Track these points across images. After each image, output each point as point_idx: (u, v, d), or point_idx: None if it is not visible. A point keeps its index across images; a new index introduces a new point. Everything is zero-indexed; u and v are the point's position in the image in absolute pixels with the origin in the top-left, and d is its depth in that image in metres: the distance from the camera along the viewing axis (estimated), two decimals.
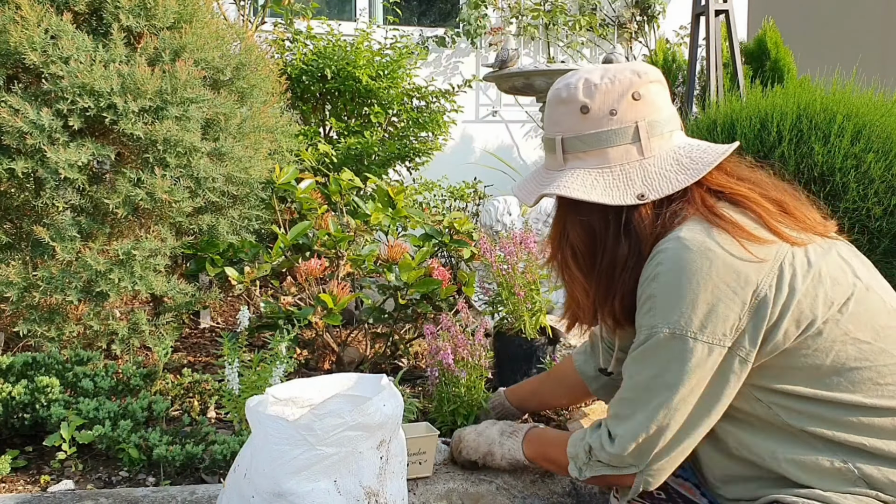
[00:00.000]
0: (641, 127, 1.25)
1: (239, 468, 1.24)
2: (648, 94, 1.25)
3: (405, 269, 2.33)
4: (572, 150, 1.28)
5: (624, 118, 1.24)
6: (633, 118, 1.24)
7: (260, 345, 2.63)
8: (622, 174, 1.24)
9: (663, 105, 1.28)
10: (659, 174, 1.23)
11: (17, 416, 1.79)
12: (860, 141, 2.56)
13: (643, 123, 1.25)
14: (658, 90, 1.27)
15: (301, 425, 1.15)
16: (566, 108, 1.28)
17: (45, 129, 2.02)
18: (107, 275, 2.12)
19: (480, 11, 5.42)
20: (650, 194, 1.22)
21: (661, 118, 1.26)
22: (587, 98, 1.25)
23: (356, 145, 3.73)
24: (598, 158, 1.26)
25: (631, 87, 1.25)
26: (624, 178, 1.24)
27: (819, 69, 3.28)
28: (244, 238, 2.53)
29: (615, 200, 1.22)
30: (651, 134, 1.25)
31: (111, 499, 1.47)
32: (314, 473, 1.16)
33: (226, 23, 2.89)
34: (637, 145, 1.25)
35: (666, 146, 1.26)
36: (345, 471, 1.18)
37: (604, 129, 1.25)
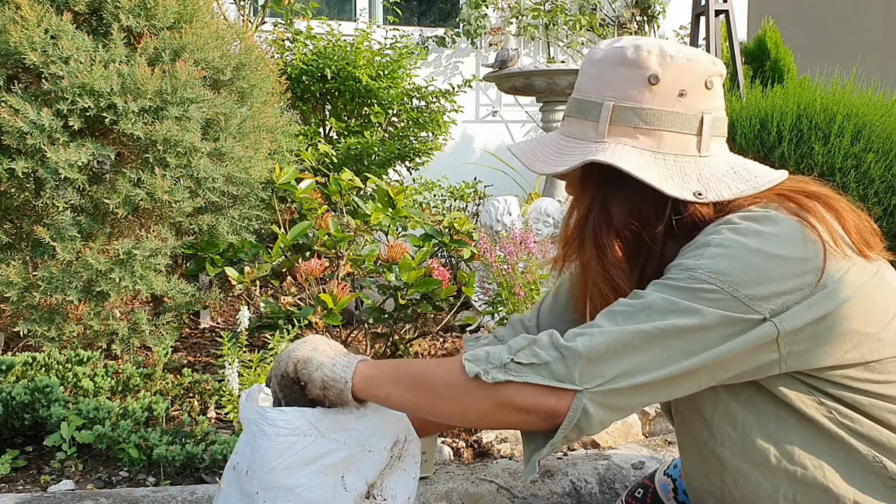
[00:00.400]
0: (706, 121, 1.09)
1: (239, 466, 1.23)
2: (718, 86, 1.11)
3: (405, 269, 2.33)
4: (623, 123, 1.08)
5: (691, 105, 1.08)
6: (701, 108, 1.09)
7: (260, 345, 2.63)
8: (676, 165, 1.07)
9: (723, 105, 1.15)
10: (716, 177, 1.08)
11: (17, 416, 1.79)
12: (860, 141, 2.56)
13: (709, 117, 1.09)
14: (721, 88, 1.13)
15: (312, 412, 1.14)
16: (629, 72, 1.08)
17: (46, 129, 2.02)
18: (107, 274, 2.12)
19: (480, 11, 5.42)
20: (708, 194, 1.05)
21: (722, 117, 1.12)
22: (660, 68, 1.07)
23: (356, 145, 3.74)
24: (653, 140, 1.08)
25: (706, 72, 1.09)
26: (678, 169, 1.07)
27: (819, 69, 3.28)
28: (244, 238, 2.53)
29: (674, 191, 1.04)
30: (713, 132, 1.10)
31: (111, 499, 1.47)
32: (323, 467, 1.15)
33: (226, 23, 2.89)
34: (697, 139, 1.09)
35: (721, 150, 1.12)
36: (353, 468, 1.17)
37: (669, 109, 1.07)
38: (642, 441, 1.90)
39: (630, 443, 1.87)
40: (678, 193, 1.04)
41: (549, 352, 0.97)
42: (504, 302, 2.21)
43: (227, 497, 1.24)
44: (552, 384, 0.96)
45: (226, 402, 1.85)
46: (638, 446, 1.84)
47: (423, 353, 2.57)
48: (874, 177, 2.49)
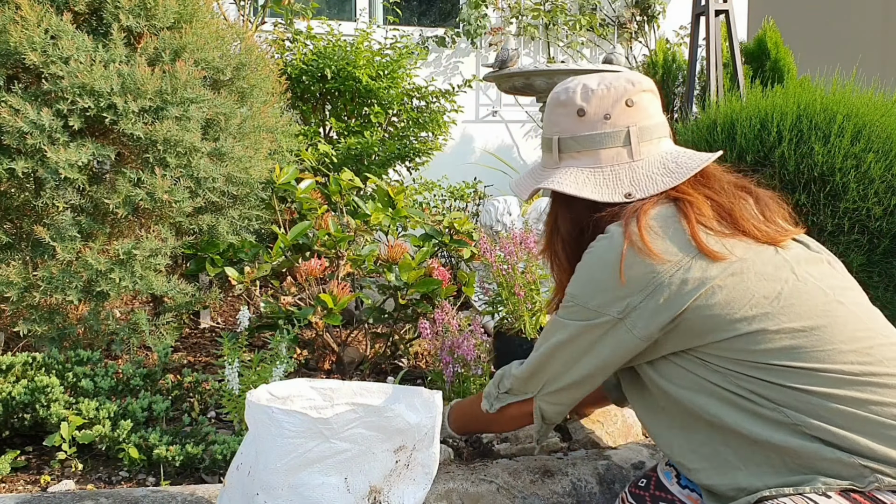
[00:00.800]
0: (633, 132, 1.35)
1: (242, 466, 1.23)
2: (641, 101, 1.36)
3: (405, 269, 2.33)
4: (567, 150, 1.38)
5: (617, 123, 1.34)
6: (626, 123, 1.34)
7: (260, 345, 2.63)
8: (612, 174, 1.34)
9: (654, 113, 1.38)
10: (646, 176, 1.33)
11: (17, 416, 1.79)
12: (860, 141, 2.56)
13: (634, 128, 1.35)
14: (650, 99, 1.37)
15: (317, 419, 1.15)
16: (564, 111, 1.38)
17: (46, 129, 2.02)
18: (107, 274, 2.12)
19: (480, 11, 5.42)
20: (637, 193, 1.31)
21: (651, 124, 1.36)
22: (584, 102, 1.35)
23: (356, 145, 3.73)
24: (591, 158, 1.36)
25: (625, 94, 1.35)
26: (613, 177, 1.34)
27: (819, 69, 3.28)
28: (244, 238, 2.53)
29: (604, 197, 1.32)
30: (641, 139, 1.35)
31: (111, 499, 1.47)
32: (326, 468, 1.15)
33: (226, 23, 2.89)
34: (627, 148, 1.35)
35: (654, 151, 1.36)
36: (356, 469, 1.17)
37: (597, 131, 1.35)
38: (642, 441, 1.90)
39: (630, 443, 1.87)
40: (609, 198, 1.32)
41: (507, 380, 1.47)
42: (504, 302, 2.21)
43: (230, 498, 1.24)
44: (519, 399, 1.46)
45: (226, 402, 1.85)
46: (638, 446, 1.84)
47: (423, 352, 2.57)
48: (874, 177, 2.49)
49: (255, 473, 1.18)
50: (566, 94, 1.38)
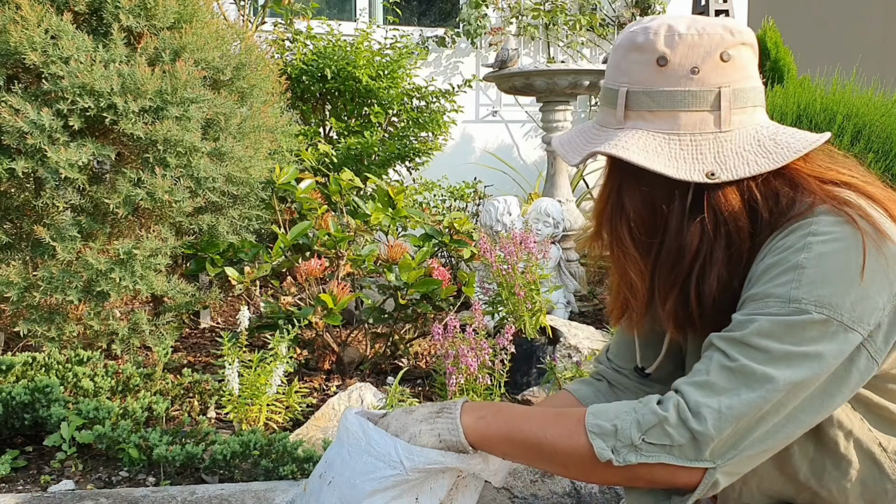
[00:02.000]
0: (725, 94, 1.05)
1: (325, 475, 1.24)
2: (739, 57, 1.06)
3: (405, 269, 2.33)
4: (637, 107, 1.08)
5: (706, 80, 1.05)
6: (717, 82, 1.05)
7: (260, 345, 2.63)
8: (692, 145, 1.05)
9: (752, 74, 1.09)
10: (735, 153, 1.05)
11: (17, 416, 1.79)
12: (860, 141, 2.56)
13: (727, 90, 1.05)
14: (749, 56, 1.09)
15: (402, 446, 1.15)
16: (640, 57, 1.08)
17: (46, 129, 2.02)
18: (107, 274, 2.12)
19: (480, 11, 5.42)
20: (721, 174, 1.03)
21: (747, 87, 1.07)
22: (668, 48, 1.06)
23: (356, 145, 3.73)
24: (667, 122, 1.06)
25: (721, 45, 1.05)
26: (694, 149, 1.05)
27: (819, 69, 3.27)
28: (244, 238, 2.53)
29: (680, 174, 1.02)
30: (734, 105, 1.06)
31: (111, 499, 1.47)
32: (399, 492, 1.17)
33: (226, 23, 2.89)
34: (716, 115, 1.06)
35: (748, 122, 1.07)
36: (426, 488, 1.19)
37: (680, 88, 1.05)
38: None
39: None
40: (686, 176, 1.02)
41: (681, 432, 0.97)
42: (504, 302, 2.21)
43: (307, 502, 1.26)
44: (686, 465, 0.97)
45: (226, 402, 1.85)
46: None
47: (423, 352, 2.57)
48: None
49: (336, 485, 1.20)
50: (645, 36, 1.07)
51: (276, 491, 1.53)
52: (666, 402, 0.99)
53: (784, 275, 0.99)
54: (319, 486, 1.24)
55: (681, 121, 1.05)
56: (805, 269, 0.98)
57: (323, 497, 1.21)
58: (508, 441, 1.07)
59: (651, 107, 1.07)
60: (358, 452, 1.18)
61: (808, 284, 0.97)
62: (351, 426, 1.21)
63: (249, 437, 1.66)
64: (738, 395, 0.96)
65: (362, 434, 1.19)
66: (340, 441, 1.24)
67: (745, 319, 1.00)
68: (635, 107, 1.08)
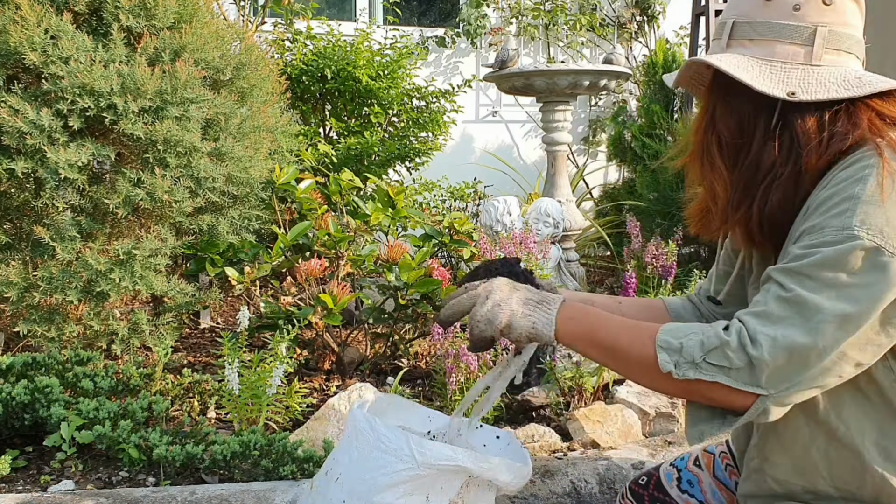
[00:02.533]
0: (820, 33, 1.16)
1: (331, 472, 1.24)
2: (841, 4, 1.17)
3: (405, 269, 2.33)
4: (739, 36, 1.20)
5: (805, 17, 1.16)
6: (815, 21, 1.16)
7: (260, 345, 2.63)
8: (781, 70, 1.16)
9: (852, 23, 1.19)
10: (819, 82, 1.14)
11: (17, 416, 1.79)
12: None
13: (823, 30, 1.16)
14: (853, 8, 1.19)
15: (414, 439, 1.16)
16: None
17: (45, 129, 2.02)
18: (107, 274, 2.12)
19: (480, 11, 5.42)
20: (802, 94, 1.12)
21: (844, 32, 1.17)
22: None
23: (356, 145, 3.73)
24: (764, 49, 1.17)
25: None
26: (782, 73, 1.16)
27: None
28: (244, 238, 2.53)
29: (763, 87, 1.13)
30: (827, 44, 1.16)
31: (111, 499, 1.47)
32: (411, 489, 1.17)
33: (226, 23, 2.89)
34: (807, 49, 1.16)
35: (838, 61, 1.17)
36: (437, 487, 1.19)
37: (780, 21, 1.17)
38: (642, 441, 1.90)
39: (630, 443, 1.87)
40: (768, 90, 1.11)
41: (739, 356, 1.03)
42: None
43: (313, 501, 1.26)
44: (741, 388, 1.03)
45: (226, 402, 1.85)
46: (638, 446, 1.84)
47: (423, 353, 2.57)
48: None
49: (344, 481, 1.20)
50: None
51: (276, 491, 1.53)
52: (730, 328, 1.05)
53: (840, 205, 1.04)
54: (326, 483, 1.24)
55: (776, 50, 1.16)
56: (860, 199, 1.03)
57: (330, 494, 1.21)
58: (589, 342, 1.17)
59: (752, 35, 1.18)
60: (367, 448, 1.18)
61: (862, 213, 1.02)
62: (359, 423, 1.21)
63: (249, 438, 1.66)
64: (793, 324, 1.02)
65: (371, 430, 1.19)
66: (349, 438, 1.24)
67: (802, 252, 1.05)
68: (738, 35, 1.19)
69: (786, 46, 1.16)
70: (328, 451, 1.73)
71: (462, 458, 1.16)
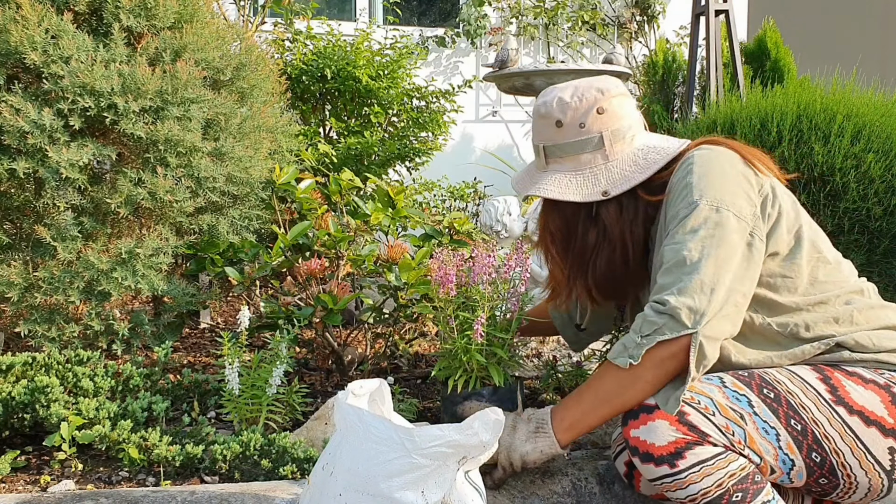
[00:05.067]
0: (605, 136, 1.52)
1: (327, 466, 1.24)
2: (611, 107, 1.52)
3: (405, 269, 2.33)
4: (552, 156, 1.56)
5: (591, 129, 1.52)
6: (599, 129, 1.52)
7: (260, 345, 2.63)
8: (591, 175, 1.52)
9: (625, 114, 1.54)
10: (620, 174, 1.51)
11: (17, 416, 1.79)
12: (860, 141, 2.56)
13: (607, 133, 1.52)
14: (620, 102, 1.54)
15: (401, 429, 1.17)
16: (545, 122, 1.55)
17: (46, 128, 2.02)
18: (109, 274, 2.12)
19: (480, 11, 5.42)
20: (612, 190, 1.50)
21: (622, 126, 1.53)
22: (560, 114, 1.53)
23: (356, 145, 3.73)
24: (572, 163, 1.54)
25: (595, 103, 1.51)
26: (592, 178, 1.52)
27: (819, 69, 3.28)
28: (244, 238, 2.52)
29: (584, 198, 1.51)
30: (614, 141, 1.52)
31: (111, 499, 1.47)
32: (406, 482, 1.18)
33: (226, 23, 2.89)
34: (602, 151, 1.52)
35: (627, 149, 1.53)
36: (432, 483, 1.20)
37: (575, 139, 1.52)
38: None
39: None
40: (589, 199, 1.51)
41: (659, 317, 1.37)
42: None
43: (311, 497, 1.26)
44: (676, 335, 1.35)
45: (226, 402, 1.85)
46: None
47: (423, 353, 2.57)
48: (874, 177, 2.49)
49: (339, 474, 1.20)
50: (545, 108, 1.55)
51: (276, 491, 1.53)
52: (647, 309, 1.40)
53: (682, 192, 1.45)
54: (322, 478, 1.24)
55: (581, 160, 1.53)
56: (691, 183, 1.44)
57: (327, 488, 1.22)
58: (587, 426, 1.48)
59: (560, 154, 1.55)
60: (358, 440, 1.19)
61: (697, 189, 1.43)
62: (347, 416, 1.21)
63: (249, 438, 1.66)
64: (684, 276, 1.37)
65: (359, 422, 1.20)
66: (340, 432, 1.24)
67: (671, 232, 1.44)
68: (551, 156, 1.56)
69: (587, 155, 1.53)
70: None
71: (449, 432, 1.18)
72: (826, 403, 1.37)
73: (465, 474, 1.28)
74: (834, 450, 1.36)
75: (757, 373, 1.43)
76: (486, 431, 1.21)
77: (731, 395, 1.38)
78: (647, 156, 1.52)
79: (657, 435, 1.34)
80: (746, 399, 1.38)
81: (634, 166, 1.51)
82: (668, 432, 1.33)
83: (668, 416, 1.34)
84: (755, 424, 1.36)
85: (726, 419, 1.36)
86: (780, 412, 1.37)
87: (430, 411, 2.10)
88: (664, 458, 1.34)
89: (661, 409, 1.35)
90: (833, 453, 1.36)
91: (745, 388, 1.40)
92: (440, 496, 1.21)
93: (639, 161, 1.51)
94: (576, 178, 1.52)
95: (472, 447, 1.21)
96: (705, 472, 1.33)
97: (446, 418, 1.65)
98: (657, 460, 1.34)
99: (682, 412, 1.34)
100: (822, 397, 1.38)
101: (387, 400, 1.38)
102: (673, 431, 1.34)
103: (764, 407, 1.37)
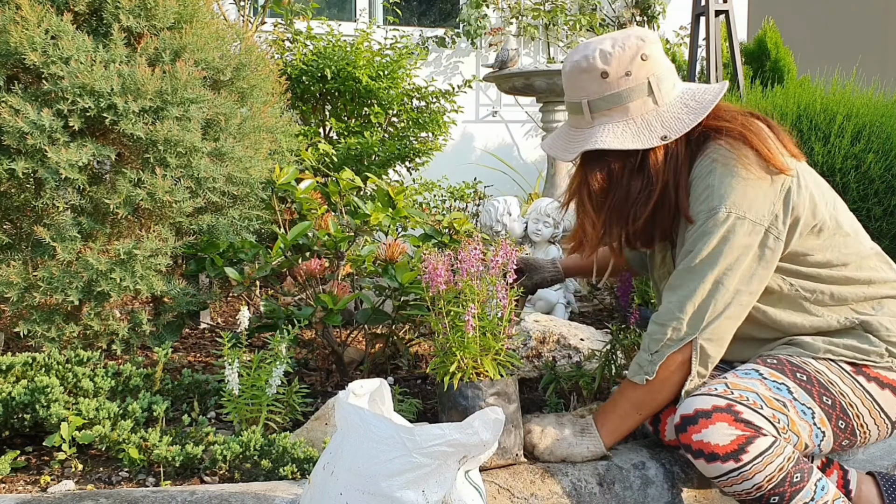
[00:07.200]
0: (653, 82, 1.51)
1: (328, 466, 1.24)
2: (653, 53, 1.51)
3: (401, 270, 2.32)
4: (598, 110, 1.53)
5: (638, 77, 1.50)
6: (645, 75, 1.51)
7: (260, 345, 2.63)
8: (644, 123, 1.51)
9: (664, 60, 1.55)
10: (674, 117, 1.50)
11: (17, 416, 1.79)
12: (860, 141, 2.56)
13: (654, 79, 1.51)
14: (659, 49, 1.54)
15: (402, 428, 1.17)
16: (587, 76, 1.52)
17: (46, 129, 2.02)
18: (108, 274, 2.12)
19: (480, 11, 5.42)
20: (671, 134, 1.49)
21: (665, 71, 1.53)
22: (605, 65, 1.50)
23: (356, 145, 3.73)
24: (621, 113, 1.51)
25: (639, 50, 1.50)
26: (646, 125, 1.50)
27: (819, 69, 3.28)
28: (244, 238, 2.52)
29: (644, 144, 1.49)
30: (661, 86, 1.52)
31: (111, 499, 1.47)
32: (406, 481, 1.18)
33: (226, 23, 2.89)
34: (651, 98, 1.51)
35: (674, 93, 1.53)
36: (433, 482, 1.20)
37: (622, 88, 1.50)
38: (642, 441, 1.90)
39: (630, 443, 1.87)
40: (648, 144, 1.49)
41: (663, 330, 1.51)
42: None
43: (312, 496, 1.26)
44: (680, 345, 1.50)
45: (226, 402, 1.85)
46: (638, 446, 1.84)
47: (423, 353, 2.57)
48: (874, 177, 2.49)
49: (339, 474, 1.20)
50: (586, 62, 1.52)
51: (276, 491, 1.53)
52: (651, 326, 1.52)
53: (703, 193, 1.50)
54: (323, 477, 1.24)
55: (630, 109, 1.52)
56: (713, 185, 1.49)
57: (328, 487, 1.22)
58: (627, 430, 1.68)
59: (607, 106, 1.52)
60: (359, 440, 1.19)
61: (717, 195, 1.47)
62: (348, 415, 1.21)
63: (249, 438, 1.66)
64: (688, 284, 1.49)
65: (360, 421, 1.20)
66: (341, 431, 1.24)
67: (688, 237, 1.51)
68: (596, 110, 1.53)
69: (635, 103, 1.51)
70: None
71: (449, 431, 1.18)
72: (848, 374, 1.52)
73: (465, 474, 1.28)
74: (856, 414, 1.51)
75: (784, 358, 1.55)
76: (486, 430, 1.22)
77: (773, 386, 1.49)
78: (695, 97, 1.53)
79: (719, 436, 1.44)
80: (786, 387, 1.50)
81: (686, 108, 1.51)
82: (728, 431, 1.44)
83: (725, 418, 1.44)
84: (795, 409, 1.48)
85: (772, 410, 1.47)
86: (814, 392, 1.50)
87: (430, 411, 2.10)
88: (729, 455, 1.44)
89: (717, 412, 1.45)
90: (855, 417, 1.51)
91: (782, 375, 1.51)
92: (441, 495, 1.21)
93: (689, 103, 1.52)
94: (629, 126, 1.51)
95: (473, 446, 1.21)
96: (767, 460, 1.43)
97: (443, 416, 1.65)
98: (723, 458, 1.44)
99: (735, 411, 1.44)
100: (844, 370, 1.53)
101: (387, 400, 1.38)
102: (732, 430, 1.44)
103: (801, 391, 1.50)
